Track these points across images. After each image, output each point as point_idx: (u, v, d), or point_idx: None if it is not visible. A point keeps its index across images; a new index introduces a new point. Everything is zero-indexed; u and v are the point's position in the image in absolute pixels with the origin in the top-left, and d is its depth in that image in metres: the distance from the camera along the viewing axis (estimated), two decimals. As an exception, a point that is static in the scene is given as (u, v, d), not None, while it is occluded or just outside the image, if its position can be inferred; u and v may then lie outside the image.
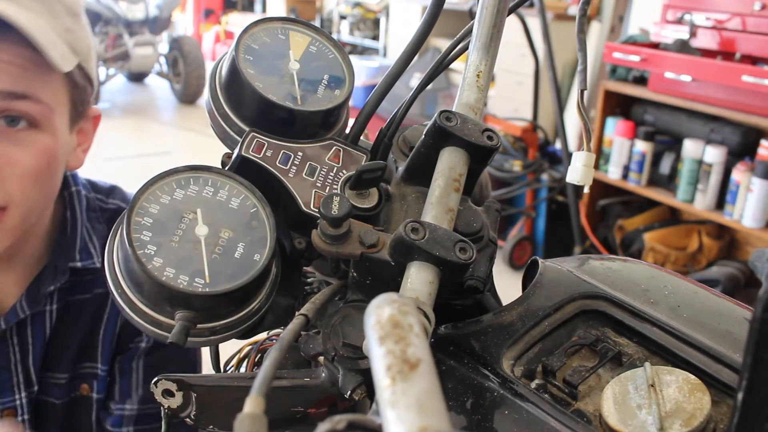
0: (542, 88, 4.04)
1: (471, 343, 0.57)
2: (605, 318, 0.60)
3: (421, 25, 0.69)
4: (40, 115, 0.88)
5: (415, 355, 0.32)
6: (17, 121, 0.86)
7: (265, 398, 0.43)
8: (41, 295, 0.98)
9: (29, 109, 0.86)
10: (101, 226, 1.06)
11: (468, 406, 0.52)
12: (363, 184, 0.64)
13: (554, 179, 3.80)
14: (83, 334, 1.03)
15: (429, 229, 0.54)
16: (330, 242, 0.56)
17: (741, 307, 0.62)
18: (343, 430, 0.35)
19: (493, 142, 0.62)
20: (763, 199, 3.05)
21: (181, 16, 9.28)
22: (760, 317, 0.34)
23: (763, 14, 3.12)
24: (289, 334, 0.53)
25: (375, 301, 0.36)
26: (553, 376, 0.55)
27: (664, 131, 3.52)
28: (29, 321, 0.99)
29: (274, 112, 0.67)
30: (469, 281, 0.61)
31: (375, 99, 0.71)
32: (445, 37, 5.54)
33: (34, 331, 0.99)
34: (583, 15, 0.74)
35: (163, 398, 0.58)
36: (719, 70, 3.07)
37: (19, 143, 0.86)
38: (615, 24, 4.98)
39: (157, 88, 7.92)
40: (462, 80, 0.67)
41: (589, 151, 0.73)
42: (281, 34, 0.72)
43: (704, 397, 0.49)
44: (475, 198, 0.69)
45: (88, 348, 1.04)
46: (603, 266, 0.67)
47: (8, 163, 0.85)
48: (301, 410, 0.61)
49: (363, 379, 0.57)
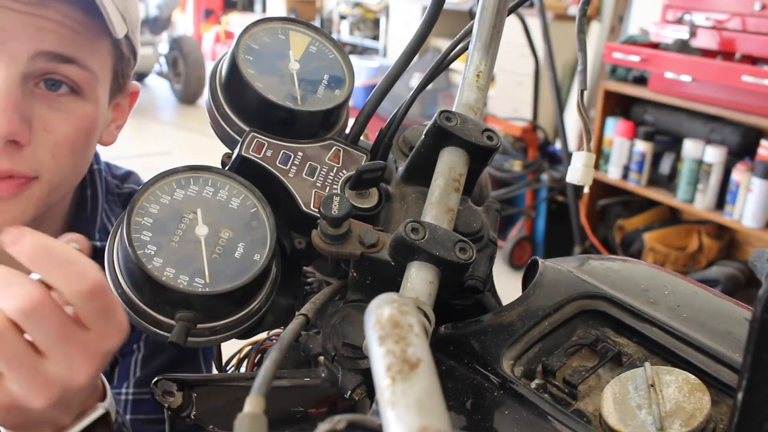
0: (542, 88, 4.04)
1: (471, 343, 0.57)
2: (605, 318, 0.60)
3: (421, 25, 0.69)
4: (84, 83, 0.83)
5: (415, 355, 0.32)
6: (59, 86, 0.82)
7: (265, 398, 0.43)
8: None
9: (74, 74, 0.82)
10: (118, 210, 1.02)
11: (468, 406, 0.52)
12: (363, 184, 0.64)
13: (554, 179, 3.80)
14: None
15: (429, 229, 0.54)
16: (330, 242, 0.56)
17: (741, 307, 0.62)
18: (343, 430, 0.35)
19: (493, 142, 0.62)
20: (763, 199, 3.05)
21: (181, 16, 9.28)
22: (760, 317, 0.34)
23: (763, 14, 3.12)
24: (289, 334, 0.53)
25: (375, 301, 0.36)
26: (553, 376, 0.55)
27: (664, 131, 3.52)
28: None
29: (274, 112, 0.67)
30: (469, 281, 0.61)
31: (375, 99, 0.71)
32: (445, 37, 5.54)
33: None
34: (583, 15, 0.74)
35: (163, 398, 0.58)
36: (719, 70, 3.07)
37: (59, 109, 0.82)
38: (615, 24, 4.98)
39: (157, 88, 7.92)
40: (462, 80, 0.67)
41: (589, 151, 0.73)
42: (281, 34, 0.72)
43: (704, 397, 0.49)
44: (475, 198, 0.69)
45: None
46: (603, 266, 0.67)
47: (45, 129, 0.81)
48: (301, 410, 0.61)
49: (363, 379, 0.57)
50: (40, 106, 0.81)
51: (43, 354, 0.52)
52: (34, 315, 0.51)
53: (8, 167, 0.79)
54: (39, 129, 0.81)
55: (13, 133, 0.77)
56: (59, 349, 0.52)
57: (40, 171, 0.82)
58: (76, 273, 0.53)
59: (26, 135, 0.79)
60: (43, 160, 0.82)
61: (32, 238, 0.53)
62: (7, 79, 0.77)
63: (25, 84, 0.79)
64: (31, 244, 0.52)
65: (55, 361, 0.52)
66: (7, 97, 0.76)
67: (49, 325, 0.52)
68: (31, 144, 0.80)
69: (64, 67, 0.81)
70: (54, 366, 0.53)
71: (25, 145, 0.79)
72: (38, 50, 0.78)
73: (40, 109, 0.81)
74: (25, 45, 0.77)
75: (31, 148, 0.80)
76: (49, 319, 0.52)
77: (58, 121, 0.82)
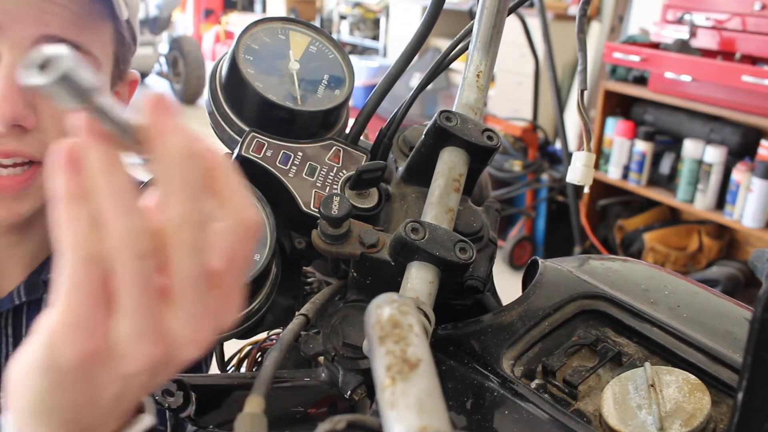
0: (542, 88, 4.04)
1: (471, 343, 0.57)
2: (605, 318, 0.60)
3: (421, 25, 0.69)
4: None
5: (415, 355, 0.32)
6: None
7: (265, 398, 0.43)
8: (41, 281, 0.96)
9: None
10: None
11: (468, 406, 0.52)
12: (363, 184, 0.64)
13: (554, 179, 3.80)
14: None
15: (429, 229, 0.54)
16: (330, 242, 0.56)
17: (741, 307, 0.62)
18: (343, 430, 0.35)
19: (493, 142, 0.62)
20: (763, 199, 3.05)
21: (181, 16, 9.27)
22: (760, 317, 0.34)
23: (763, 14, 3.12)
24: (289, 334, 0.53)
25: (375, 301, 0.36)
26: (553, 376, 0.54)
27: (664, 131, 3.52)
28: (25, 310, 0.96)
29: (274, 112, 0.67)
30: (469, 281, 0.61)
31: (375, 99, 0.71)
32: (445, 37, 5.54)
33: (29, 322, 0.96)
34: (583, 15, 0.74)
35: (163, 398, 0.58)
36: (719, 70, 3.07)
37: None
38: (615, 24, 4.97)
39: (157, 88, 7.92)
40: (462, 80, 0.67)
41: (589, 151, 0.73)
42: (281, 34, 0.72)
43: (704, 397, 0.49)
44: (475, 198, 0.69)
45: None
46: (603, 266, 0.67)
47: (51, 116, 0.81)
48: (301, 410, 0.61)
49: (363, 379, 0.57)
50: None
51: (171, 299, 0.38)
52: (242, 251, 0.39)
53: (14, 148, 0.79)
54: (45, 114, 0.81)
55: (18, 117, 0.77)
56: (191, 302, 0.38)
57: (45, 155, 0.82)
58: (245, 203, 0.39)
59: (31, 119, 0.79)
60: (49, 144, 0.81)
61: (190, 135, 0.38)
62: (12, 63, 0.77)
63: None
64: (187, 142, 0.37)
65: (179, 314, 0.38)
66: (12, 82, 0.76)
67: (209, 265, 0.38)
68: (37, 129, 0.80)
69: None
70: (176, 320, 0.38)
71: (31, 130, 0.80)
72: (42, 34, 0.78)
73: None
74: (30, 29, 0.77)
75: (36, 132, 0.80)
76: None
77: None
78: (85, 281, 0.36)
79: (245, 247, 0.40)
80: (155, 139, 0.36)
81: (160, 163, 0.37)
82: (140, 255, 0.36)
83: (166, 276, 0.38)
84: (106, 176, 0.36)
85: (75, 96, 0.32)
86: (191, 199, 0.37)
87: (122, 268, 0.36)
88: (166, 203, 0.37)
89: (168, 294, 0.38)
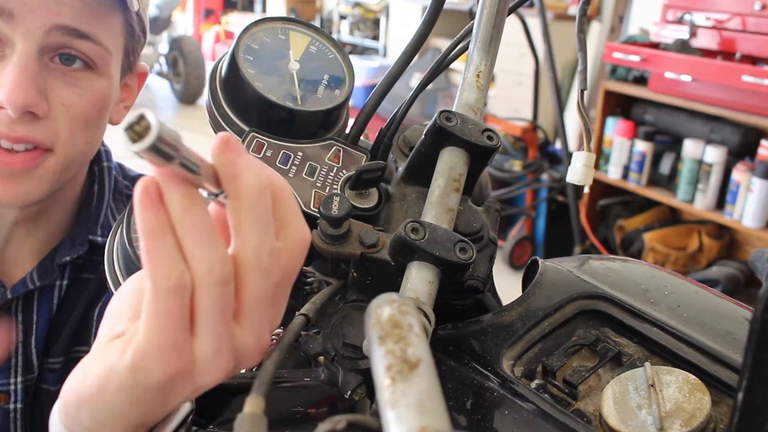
0: (542, 88, 4.05)
1: (471, 343, 0.57)
2: (605, 318, 0.60)
3: (421, 25, 0.69)
4: (98, 58, 0.84)
5: (415, 355, 0.32)
6: (73, 60, 0.82)
7: (265, 398, 0.43)
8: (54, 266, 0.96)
9: (89, 50, 0.83)
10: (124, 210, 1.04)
11: (468, 406, 0.52)
12: (363, 184, 0.64)
13: (554, 179, 3.80)
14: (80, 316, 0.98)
15: (429, 229, 0.54)
16: (330, 242, 0.56)
17: (741, 307, 0.62)
18: (343, 430, 0.35)
19: (493, 142, 0.61)
20: (763, 199, 3.05)
21: (181, 16, 9.27)
22: (760, 317, 0.34)
23: (763, 14, 3.12)
24: (289, 334, 0.52)
25: (375, 301, 0.36)
26: (553, 376, 0.54)
27: (664, 131, 3.52)
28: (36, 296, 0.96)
29: (274, 112, 0.67)
30: (469, 281, 0.61)
31: (375, 99, 0.71)
32: (445, 37, 5.54)
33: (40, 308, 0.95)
34: (583, 15, 0.74)
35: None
36: (719, 70, 3.07)
37: (74, 84, 0.83)
38: (615, 24, 4.98)
39: (157, 88, 7.91)
40: (462, 80, 0.67)
41: (589, 151, 0.73)
42: (281, 34, 0.72)
43: (704, 397, 0.49)
44: (475, 198, 0.69)
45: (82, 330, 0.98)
46: (603, 266, 0.67)
47: (61, 104, 0.82)
48: (301, 410, 0.61)
49: (363, 379, 0.57)
50: (55, 81, 0.82)
51: (241, 316, 0.43)
52: (295, 266, 0.44)
53: (24, 134, 0.80)
54: (56, 103, 0.82)
55: (30, 104, 0.78)
56: (257, 317, 0.43)
57: (55, 143, 0.83)
58: (302, 224, 0.45)
59: (43, 107, 0.80)
60: (59, 132, 0.83)
61: (259, 165, 0.42)
62: (25, 52, 0.78)
63: (41, 58, 0.80)
64: (258, 172, 0.41)
65: (247, 329, 0.43)
66: (24, 70, 0.78)
67: (270, 283, 0.43)
68: (48, 117, 0.81)
69: (79, 42, 0.82)
70: (245, 334, 0.43)
71: (42, 117, 0.81)
72: (54, 24, 0.79)
73: (55, 84, 0.82)
74: (42, 18, 0.78)
75: (47, 120, 0.81)
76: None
77: (74, 96, 0.83)
78: (171, 308, 0.40)
79: (299, 264, 0.45)
80: (230, 179, 0.40)
81: (235, 200, 0.41)
82: (222, 282, 0.40)
83: (237, 296, 0.42)
84: (189, 213, 0.39)
85: (166, 156, 0.36)
86: (263, 230, 0.41)
87: (206, 295, 0.40)
88: (241, 234, 0.41)
89: (239, 312, 0.42)
